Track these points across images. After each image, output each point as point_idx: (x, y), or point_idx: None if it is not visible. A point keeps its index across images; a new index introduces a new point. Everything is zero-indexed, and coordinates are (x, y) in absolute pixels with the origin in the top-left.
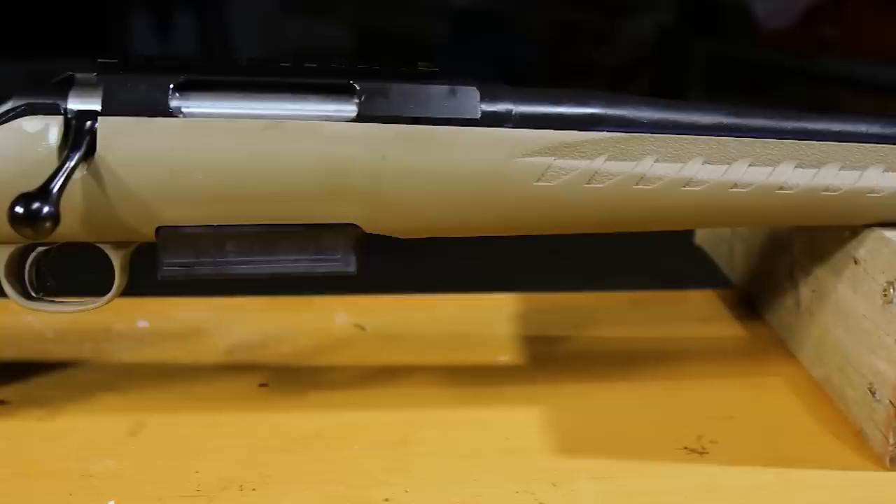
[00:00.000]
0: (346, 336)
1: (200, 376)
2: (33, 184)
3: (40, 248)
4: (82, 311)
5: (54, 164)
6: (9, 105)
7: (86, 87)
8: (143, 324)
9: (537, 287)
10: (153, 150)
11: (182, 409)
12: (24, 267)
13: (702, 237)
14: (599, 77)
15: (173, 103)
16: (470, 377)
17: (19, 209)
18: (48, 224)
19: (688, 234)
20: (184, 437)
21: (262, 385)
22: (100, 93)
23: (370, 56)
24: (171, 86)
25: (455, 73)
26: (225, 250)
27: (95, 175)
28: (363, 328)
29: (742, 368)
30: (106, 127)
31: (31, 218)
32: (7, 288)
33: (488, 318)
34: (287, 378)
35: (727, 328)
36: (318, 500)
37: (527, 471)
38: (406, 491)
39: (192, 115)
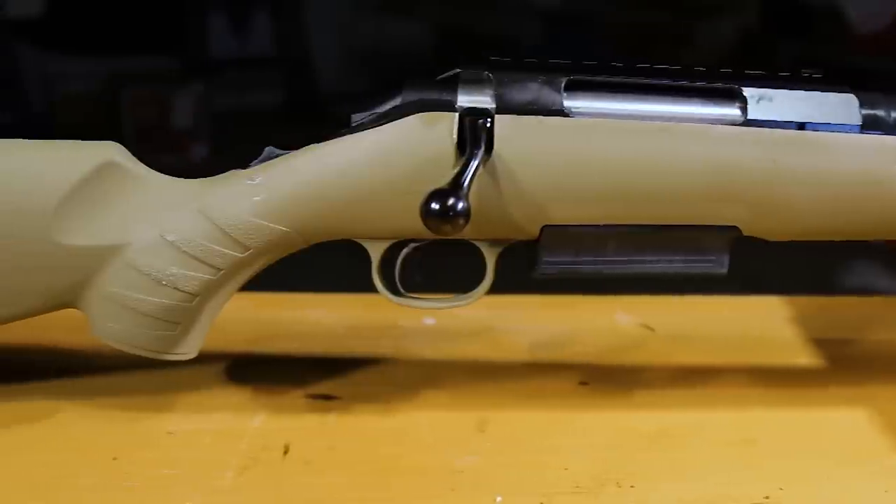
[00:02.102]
0: (636, 336)
1: (518, 374)
2: (427, 179)
3: (412, 245)
4: (451, 307)
5: (449, 161)
6: (397, 101)
7: (474, 85)
8: (429, 321)
9: (801, 290)
10: (547, 149)
11: (516, 406)
12: (394, 263)
13: None
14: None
15: (565, 103)
16: (777, 378)
17: (435, 205)
18: (462, 220)
19: None
20: (527, 434)
21: (582, 383)
22: (489, 90)
23: (446, 55)
24: (564, 85)
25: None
26: (605, 249)
27: (491, 173)
28: (651, 328)
29: None
30: (503, 125)
31: (447, 214)
32: (378, 284)
33: (769, 320)
34: (605, 377)
35: None
36: (698, 498)
37: (880, 470)
38: (780, 489)
39: (581, 114)
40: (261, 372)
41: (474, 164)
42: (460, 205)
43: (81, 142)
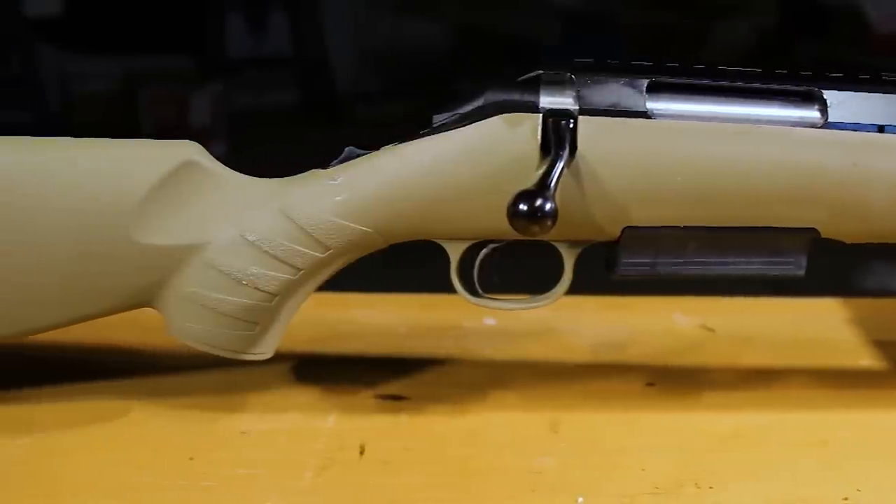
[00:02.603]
0: (696, 337)
1: (583, 375)
2: (510, 180)
3: (491, 245)
4: (529, 308)
5: (533, 162)
6: (479, 102)
7: (555, 86)
8: (490, 321)
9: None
10: (630, 150)
11: (586, 407)
12: (473, 264)
13: None
14: None
15: (648, 104)
16: (843, 380)
17: (523, 206)
18: (549, 222)
19: None
20: (600, 435)
21: (649, 384)
22: (571, 92)
23: (470, 56)
24: (646, 87)
25: None
26: (685, 251)
27: (575, 174)
28: (711, 329)
29: None
30: (586, 126)
31: (535, 215)
32: (456, 284)
33: (826, 322)
34: (671, 378)
35: None
36: (779, 499)
37: None
38: (858, 490)
39: (663, 116)
40: (326, 372)
41: (560, 165)
42: (548, 206)
43: (161, 141)
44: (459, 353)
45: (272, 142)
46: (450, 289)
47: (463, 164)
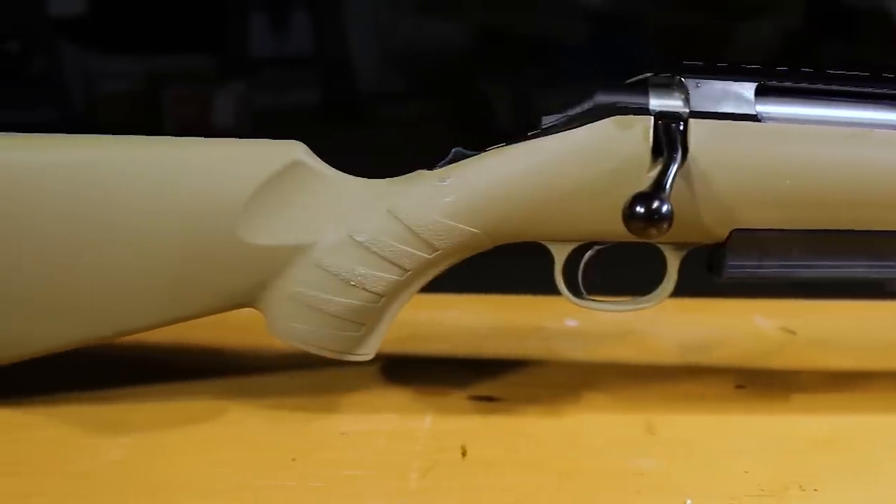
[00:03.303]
0: (779, 340)
1: (672, 376)
2: (621, 183)
3: (596, 247)
4: (633, 310)
5: (644, 164)
6: (589, 105)
7: (664, 89)
8: (571, 323)
9: None
10: (740, 153)
11: (679, 409)
12: (577, 266)
13: None
14: None
15: (757, 108)
16: None
17: (640, 208)
18: (666, 224)
19: None
20: (697, 437)
21: (738, 387)
22: (679, 94)
23: (491, 56)
24: (754, 90)
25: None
26: (790, 254)
27: (686, 177)
28: (792, 332)
29: None
30: (697, 129)
31: (652, 217)
32: (561, 286)
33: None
34: (759, 380)
35: None
36: (884, 502)
37: None
38: None
39: (772, 119)
40: (415, 372)
41: (674, 167)
42: (665, 208)
43: (269, 140)
44: (545, 355)
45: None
46: (527, 289)
47: (574, 165)
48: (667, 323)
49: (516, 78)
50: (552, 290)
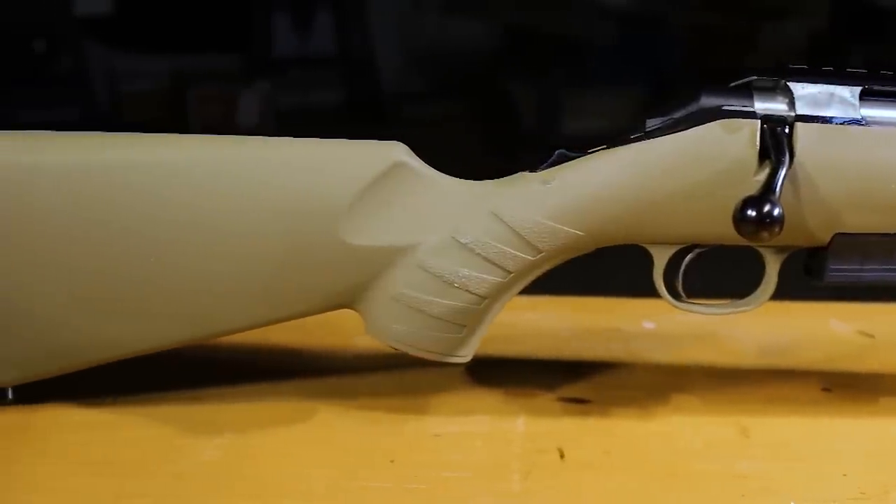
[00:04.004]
0: (857, 343)
1: (756, 379)
2: (728, 186)
3: (697, 250)
4: (733, 313)
5: (750, 168)
6: (694, 108)
7: (769, 92)
8: (649, 325)
9: None
10: (845, 157)
11: (770, 412)
12: (677, 269)
13: None
14: None
15: (862, 111)
16: None
17: (751, 212)
18: (777, 228)
19: None
20: (791, 439)
21: (824, 389)
22: (783, 98)
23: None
24: (858, 94)
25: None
26: (893, 257)
27: (792, 180)
28: (870, 335)
29: None
30: (803, 133)
31: (763, 221)
32: (661, 289)
33: None
34: (844, 383)
35: None
36: None
37: None
38: None
39: (878, 124)
40: (501, 374)
41: (782, 171)
42: (776, 211)
43: (371, 141)
44: (626, 356)
45: None
46: (599, 291)
47: (681, 168)
48: (744, 326)
49: (542, 78)
50: (626, 291)
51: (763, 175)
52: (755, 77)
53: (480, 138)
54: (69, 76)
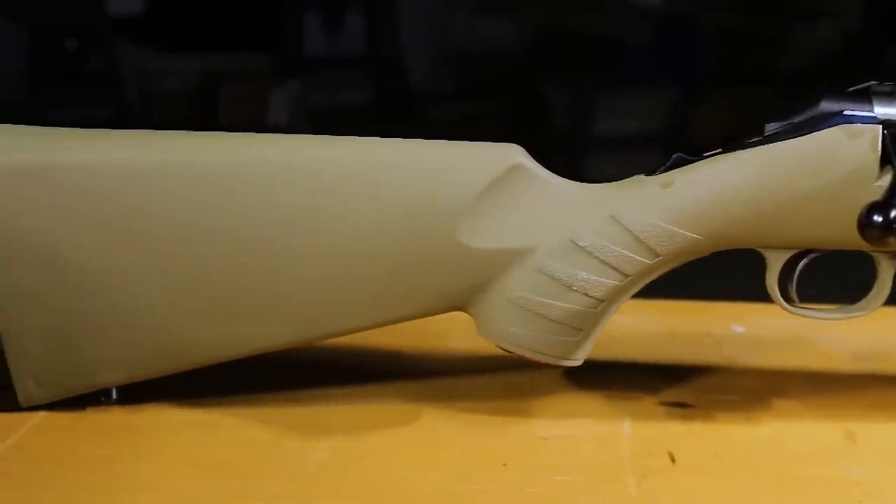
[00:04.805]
0: None
1: (854, 384)
2: (849, 191)
3: (812, 255)
4: (844, 318)
5: (871, 173)
6: (814, 112)
7: (887, 97)
8: (739, 329)
9: None
10: None
11: (873, 417)
12: (792, 273)
13: None
14: (778, 85)
15: None
16: None
17: (878, 217)
18: None
19: None
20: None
21: None
22: None
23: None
24: None
25: None
26: None
27: None
28: None
29: None
30: None
31: (891, 226)
32: (774, 294)
33: None
34: None
35: None
36: None
37: None
38: None
39: None
40: (601, 377)
41: None
42: None
43: (489, 143)
44: (721, 360)
45: None
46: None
47: (802, 173)
48: (833, 330)
49: (574, 79)
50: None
51: (884, 180)
52: (874, 82)
53: (510, 139)
54: (101, 75)
